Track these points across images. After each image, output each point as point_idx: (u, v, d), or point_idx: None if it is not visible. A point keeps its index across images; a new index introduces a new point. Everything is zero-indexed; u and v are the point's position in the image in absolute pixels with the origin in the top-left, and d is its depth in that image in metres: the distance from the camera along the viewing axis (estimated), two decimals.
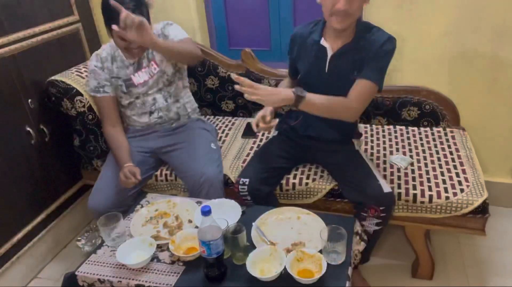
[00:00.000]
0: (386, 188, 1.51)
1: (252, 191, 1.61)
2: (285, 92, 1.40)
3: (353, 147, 1.69)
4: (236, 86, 1.38)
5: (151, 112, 1.82)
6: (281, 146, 1.74)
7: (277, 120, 1.50)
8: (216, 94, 2.28)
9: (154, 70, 1.77)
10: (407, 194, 1.58)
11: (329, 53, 1.53)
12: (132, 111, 1.83)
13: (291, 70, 1.75)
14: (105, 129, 1.80)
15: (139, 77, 1.77)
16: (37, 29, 1.87)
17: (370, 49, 1.47)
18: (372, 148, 1.89)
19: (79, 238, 2.04)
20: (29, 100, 1.84)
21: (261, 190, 1.62)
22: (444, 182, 1.62)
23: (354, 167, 1.60)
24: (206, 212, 1.16)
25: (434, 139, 1.91)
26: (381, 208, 1.49)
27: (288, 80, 1.80)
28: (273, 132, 1.85)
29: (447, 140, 1.90)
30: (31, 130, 1.85)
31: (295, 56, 1.66)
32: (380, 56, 1.47)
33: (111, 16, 1.51)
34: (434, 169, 1.70)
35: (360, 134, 1.76)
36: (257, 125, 1.49)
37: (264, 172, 1.64)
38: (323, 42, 1.53)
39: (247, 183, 1.61)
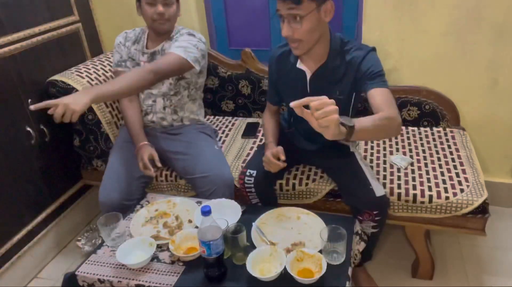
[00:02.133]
0: (379, 191, 1.49)
1: (257, 183, 1.60)
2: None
3: (347, 149, 1.67)
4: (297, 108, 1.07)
5: (146, 113, 1.83)
6: (281, 144, 1.74)
7: (285, 164, 1.49)
8: (216, 94, 2.28)
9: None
10: (407, 194, 1.58)
11: (308, 75, 1.49)
12: None
13: (276, 98, 1.68)
14: (122, 102, 1.81)
15: None
16: (37, 29, 1.87)
17: (352, 69, 1.42)
18: (372, 148, 1.89)
19: (79, 238, 2.04)
20: (29, 100, 1.84)
21: (266, 184, 1.62)
22: (444, 182, 1.62)
23: (347, 172, 1.59)
24: (206, 212, 1.16)
25: (434, 139, 1.91)
26: (374, 212, 1.48)
27: (270, 122, 1.70)
28: None
29: (447, 140, 1.90)
30: (31, 130, 1.85)
31: (276, 78, 1.62)
32: (372, 64, 1.39)
33: None
34: (434, 169, 1.70)
35: None
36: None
37: None
38: (299, 65, 1.49)
39: (254, 175, 1.60)
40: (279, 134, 1.70)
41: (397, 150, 1.85)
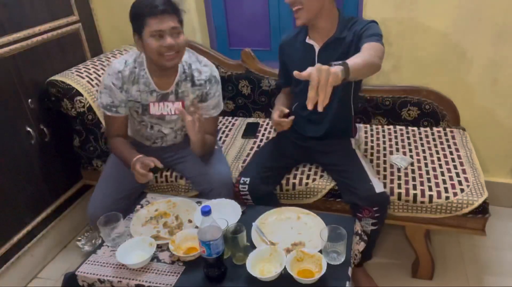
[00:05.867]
0: (379, 188, 1.51)
1: (252, 190, 1.61)
2: (333, 69, 1.14)
3: (350, 146, 1.69)
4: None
5: (154, 142, 1.77)
6: (281, 145, 1.76)
7: (293, 117, 1.56)
8: None
9: (177, 111, 1.62)
10: (407, 194, 1.58)
11: (316, 48, 1.59)
12: (138, 130, 1.75)
13: (283, 79, 1.80)
14: (110, 139, 1.71)
15: (158, 109, 1.62)
16: (37, 29, 1.87)
17: (355, 33, 1.51)
18: (372, 148, 1.89)
19: (79, 238, 2.04)
20: (29, 100, 1.84)
21: (261, 190, 1.62)
22: (444, 182, 1.62)
23: (347, 168, 1.60)
24: (206, 212, 1.16)
25: (434, 139, 1.91)
26: (374, 209, 1.49)
27: (282, 96, 1.82)
28: (273, 133, 1.85)
29: (447, 140, 1.90)
30: (31, 130, 1.85)
31: (286, 61, 1.71)
32: (369, 27, 1.47)
33: (141, 23, 1.42)
34: (434, 169, 1.70)
35: (356, 131, 1.77)
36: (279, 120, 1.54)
37: (264, 172, 1.65)
38: (308, 40, 1.60)
39: (247, 182, 1.61)
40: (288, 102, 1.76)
41: (397, 150, 1.85)
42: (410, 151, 1.84)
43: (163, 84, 1.60)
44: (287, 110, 1.56)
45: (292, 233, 1.38)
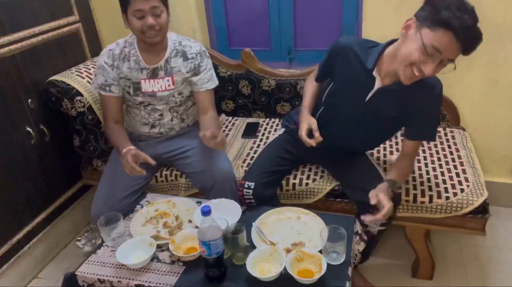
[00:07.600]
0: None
1: (257, 194, 1.59)
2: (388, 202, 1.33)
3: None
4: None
5: (153, 126, 1.78)
6: (285, 146, 1.72)
7: (320, 138, 1.47)
8: (216, 95, 2.25)
9: (168, 87, 1.68)
10: (407, 194, 1.58)
11: (377, 85, 1.41)
12: (134, 117, 1.77)
13: (321, 76, 1.63)
14: (107, 125, 1.73)
15: (149, 86, 1.67)
16: (37, 29, 1.87)
17: (418, 99, 1.40)
18: None
19: (79, 238, 2.03)
20: (29, 100, 1.84)
21: (266, 193, 1.61)
22: (444, 182, 1.62)
23: (360, 168, 1.58)
24: (206, 212, 1.16)
25: None
26: None
27: (312, 91, 1.66)
28: (279, 130, 1.82)
29: (447, 140, 1.90)
30: (31, 130, 1.85)
31: (335, 68, 1.51)
32: (434, 116, 1.49)
33: (125, 2, 1.50)
34: (434, 169, 1.70)
35: None
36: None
37: (269, 176, 1.63)
38: (375, 73, 1.40)
39: (252, 187, 1.59)
40: (316, 98, 1.65)
41: (397, 150, 1.85)
42: None
43: (153, 59, 1.65)
44: (317, 134, 1.47)
45: (292, 233, 1.38)
